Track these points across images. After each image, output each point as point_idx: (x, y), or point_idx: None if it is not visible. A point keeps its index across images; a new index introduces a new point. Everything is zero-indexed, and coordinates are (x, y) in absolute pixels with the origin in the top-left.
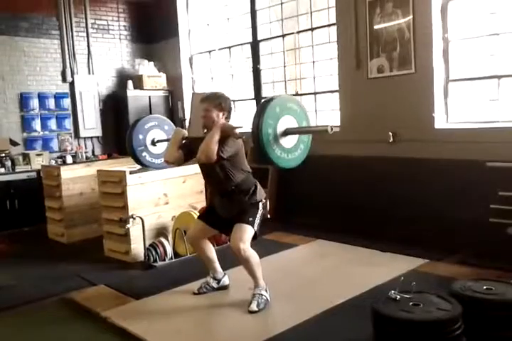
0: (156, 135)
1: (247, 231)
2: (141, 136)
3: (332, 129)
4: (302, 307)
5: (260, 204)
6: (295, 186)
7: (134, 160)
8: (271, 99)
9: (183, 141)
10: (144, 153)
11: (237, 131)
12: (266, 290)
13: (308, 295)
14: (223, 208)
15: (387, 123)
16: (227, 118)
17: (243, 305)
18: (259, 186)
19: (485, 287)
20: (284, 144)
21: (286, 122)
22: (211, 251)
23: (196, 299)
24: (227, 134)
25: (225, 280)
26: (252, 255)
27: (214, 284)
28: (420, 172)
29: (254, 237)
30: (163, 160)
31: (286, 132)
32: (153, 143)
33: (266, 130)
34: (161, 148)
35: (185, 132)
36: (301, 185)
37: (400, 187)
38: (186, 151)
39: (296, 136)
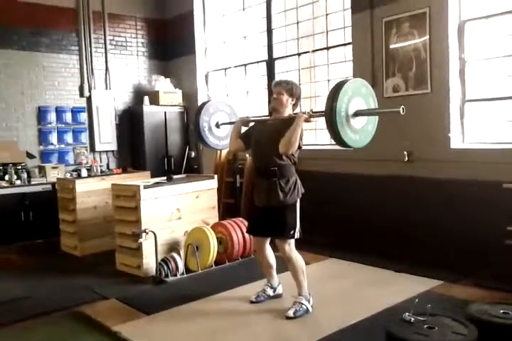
0: (219, 118)
1: (291, 240)
2: (206, 119)
3: (404, 110)
4: (314, 327)
5: (297, 204)
6: (307, 204)
7: (200, 142)
8: (343, 83)
9: (243, 131)
10: (209, 135)
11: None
12: (308, 301)
13: (320, 314)
14: (261, 194)
15: (403, 143)
16: (295, 105)
17: (253, 323)
18: (299, 181)
19: (502, 311)
20: (354, 125)
21: (356, 104)
22: (272, 257)
23: (207, 315)
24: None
25: (280, 289)
26: (297, 256)
27: (270, 292)
28: (435, 192)
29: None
30: (227, 144)
31: (357, 113)
32: (217, 125)
33: (339, 111)
34: (224, 130)
35: (245, 119)
36: (313, 202)
37: (414, 207)
38: (245, 139)
39: (365, 117)
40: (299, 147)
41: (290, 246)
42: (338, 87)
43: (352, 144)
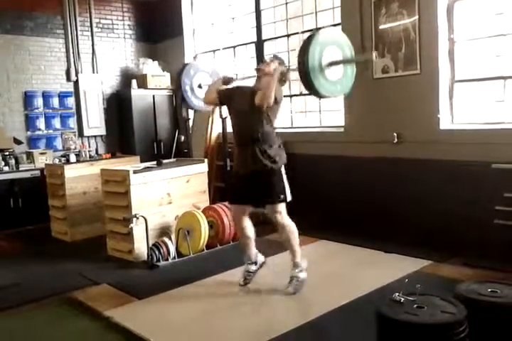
0: (201, 79)
1: (282, 206)
2: (187, 82)
3: (377, 57)
4: (304, 308)
5: (283, 170)
6: (297, 186)
7: (184, 105)
8: (315, 34)
9: (222, 87)
10: (192, 98)
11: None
12: (302, 270)
13: (310, 295)
14: (246, 161)
15: (392, 124)
16: (284, 81)
17: (244, 305)
18: (283, 148)
19: (490, 289)
20: (329, 76)
21: (331, 54)
22: (250, 228)
23: (199, 299)
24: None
25: (261, 258)
26: (290, 223)
27: (253, 267)
28: (425, 173)
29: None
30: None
31: (331, 63)
32: (200, 86)
33: (312, 62)
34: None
35: (227, 78)
36: (303, 185)
37: (404, 188)
38: (221, 96)
39: (342, 68)
40: (276, 102)
41: (282, 215)
42: (308, 41)
43: (330, 95)
